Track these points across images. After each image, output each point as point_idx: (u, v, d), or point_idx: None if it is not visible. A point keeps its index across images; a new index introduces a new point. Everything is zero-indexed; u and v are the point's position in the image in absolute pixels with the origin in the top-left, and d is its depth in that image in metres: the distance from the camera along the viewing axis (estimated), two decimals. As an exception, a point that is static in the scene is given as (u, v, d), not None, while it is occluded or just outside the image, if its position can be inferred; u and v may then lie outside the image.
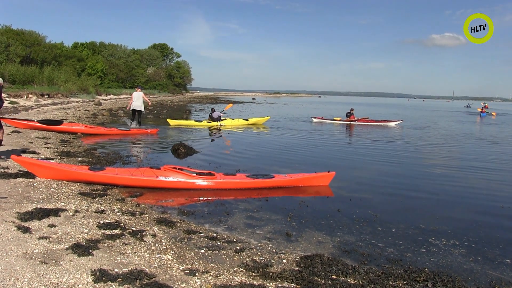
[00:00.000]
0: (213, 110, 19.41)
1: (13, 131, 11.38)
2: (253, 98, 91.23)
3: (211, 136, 15.88)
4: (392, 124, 23.98)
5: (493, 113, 43.88)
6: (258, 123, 20.79)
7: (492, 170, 10.18)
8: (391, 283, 3.63)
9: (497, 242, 4.93)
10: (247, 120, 20.60)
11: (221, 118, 18.89)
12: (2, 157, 7.60)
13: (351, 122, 23.69)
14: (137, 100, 16.35)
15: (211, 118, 18.93)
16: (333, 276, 3.69)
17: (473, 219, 5.90)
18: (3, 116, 13.05)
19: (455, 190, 7.76)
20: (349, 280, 3.63)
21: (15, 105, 20.01)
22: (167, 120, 18.01)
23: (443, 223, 5.59)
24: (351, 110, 24.81)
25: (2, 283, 2.97)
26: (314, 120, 25.07)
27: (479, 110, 45.32)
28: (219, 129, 17.69)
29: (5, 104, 19.98)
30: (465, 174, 9.43)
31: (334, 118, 25.06)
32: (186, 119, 22.14)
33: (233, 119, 20.13)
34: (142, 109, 16.57)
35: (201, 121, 19.29)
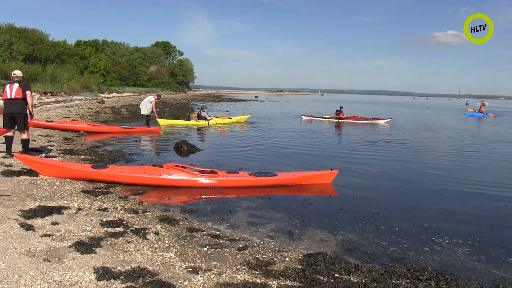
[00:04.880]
0: (203, 109, 19.28)
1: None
2: (256, 96, 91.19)
3: (212, 134, 15.89)
4: (381, 122, 23.86)
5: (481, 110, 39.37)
6: (241, 121, 21.04)
7: (495, 169, 10.14)
8: (394, 281, 3.61)
9: (501, 241, 4.91)
10: (231, 118, 20.64)
11: (208, 117, 18.72)
12: (6, 156, 7.62)
13: (340, 120, 23.68)
14: (144, 105, 16.29)
15: (199, 117, 18.78)
16: (336, 275, 3.69)
17: (477, 218, 5.88)
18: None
19: (458, 189, 7.72)
20: (351, 279, 3.62)
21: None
22: (157, 120, 17.29)
23: (446, 222, 5.58)
24: (340, 107, 24.73)
25: (6, 280, 2.98)
26: (304, 117, 25.20)
27: (471, 110, 40.08)
28: (206, 128, 17.42)
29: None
30: (468, 173, 9.40)
31: (324, 116, 25.07)
32: (188, 117, 22.05)
33: (217, 117, 19.83)
34: (145, 113, 16.43)
35: (189, 120, 18.93)
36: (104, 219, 4.72)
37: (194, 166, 7.23)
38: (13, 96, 7.38)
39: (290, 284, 3.48)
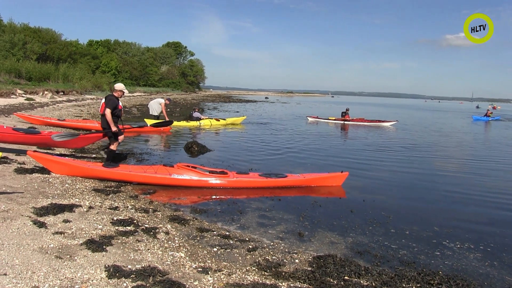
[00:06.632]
0: (194, 110, 19.12)
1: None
2: (266, 97, 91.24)
3: (222, 134, 15.92)
4: (387, 124, 23.64)
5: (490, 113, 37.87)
6: (236, 123, 20.31)
7: (508, 174, 10.00)
8: (404, 285, 3.59)
9: (513, 246, 4.84)
10: (225, 120, 20.03)
11: (200, 118, 18.49)
12: (20, 154, 7.72)
13: (346, 122, 23.58)
14: (152, 106, 16.41)
15: (190, 118, 18.48)
16: (346, 277, 3.67)
17: (489, 222, 5.81)
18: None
19: (470, 193, 7.63)
20: (361, 281, 3.60)
21: (31, 102, 20.31)
22: (145, 120, 16.34)
23: (457, 226, 5.52)
24: (346, 109, 24.62)
25: (20, 275, 3.02)
26: (310, 119, 25.14)
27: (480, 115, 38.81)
28: (199, 129, 17.19)
29: (21, 100, 20.31)
30: (480, 178, 9.27)
31: (329, 118, 24.97)
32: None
33: (211, 118, 19.37)
34: (154, 113, 16.48)
35: (180, 121, 18.40)
36: (115, 218, 4.75)
37: (204, 167, 7.25)
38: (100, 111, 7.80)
39: (299, 285, 3.47)
